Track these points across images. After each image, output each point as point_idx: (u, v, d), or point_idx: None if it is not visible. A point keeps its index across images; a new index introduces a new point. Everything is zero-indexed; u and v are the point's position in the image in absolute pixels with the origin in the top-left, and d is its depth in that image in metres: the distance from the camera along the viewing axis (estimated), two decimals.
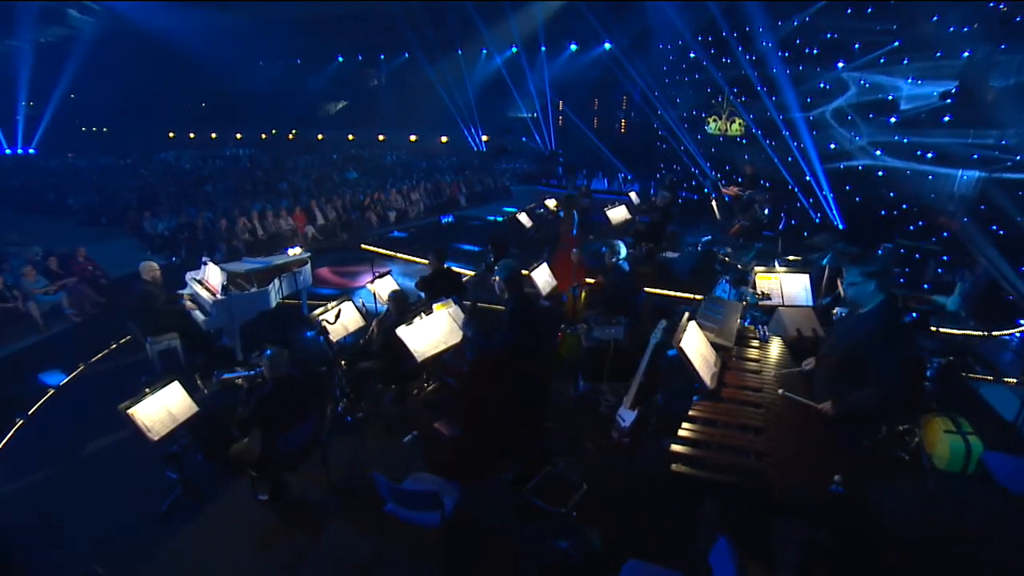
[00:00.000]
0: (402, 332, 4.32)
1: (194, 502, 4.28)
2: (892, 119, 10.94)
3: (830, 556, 2.60)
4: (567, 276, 6.82)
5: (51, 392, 6.00)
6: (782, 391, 3.25)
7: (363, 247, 11.82)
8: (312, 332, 7.13)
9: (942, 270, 8.77)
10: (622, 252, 5.84)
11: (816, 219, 11.95)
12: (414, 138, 26.66)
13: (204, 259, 6.99)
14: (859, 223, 11.22)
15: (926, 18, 9.06)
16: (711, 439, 2.87)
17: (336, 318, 5.03)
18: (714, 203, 10.67)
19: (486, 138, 25.09)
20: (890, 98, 10.95)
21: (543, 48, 21.30)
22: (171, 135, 29.51)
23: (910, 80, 10.46)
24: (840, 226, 11.47)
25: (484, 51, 23.10)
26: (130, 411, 3.93)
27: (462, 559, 3.59)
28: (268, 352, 3.98)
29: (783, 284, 4.57)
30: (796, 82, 12.21)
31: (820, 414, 3.00)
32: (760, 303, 4.42)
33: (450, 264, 6.62)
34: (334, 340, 5.12)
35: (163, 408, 4.13)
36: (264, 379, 4.08)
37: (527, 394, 3.67)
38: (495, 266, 4.16)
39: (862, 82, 11.40)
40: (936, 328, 4.35)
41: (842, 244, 5.05)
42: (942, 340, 4.26)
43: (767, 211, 8.50)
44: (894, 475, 3.83)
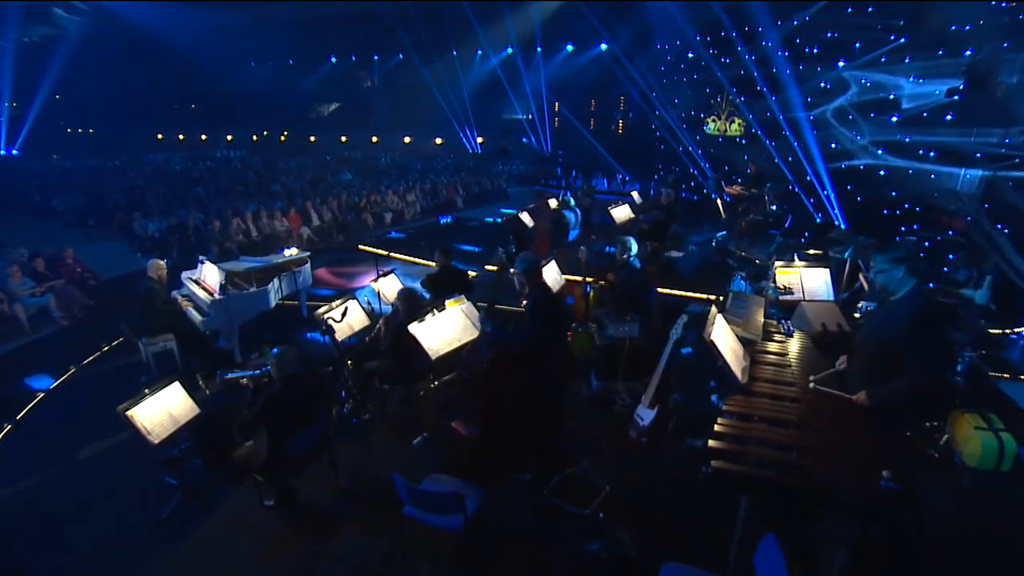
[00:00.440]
0: (415, 329, 4.19)
1: (196, 508, 4.12)
2: (894, 118, 10.99)
3: (877, 555, 2.51)
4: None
5: (40, 396, 5.80)
6: (813, 384, 3.16)
7: (361, 248, 11.66)
8: (312, 333, 7.04)
9: (947, 269, 8.78)
10: (633, 249, 5.76)
11: (818, 219, 11.97)
12: (408, 140, 26.55)
13: (201, 258, 6.82)
14: (861, 223, 11.25)
15: (934, 14, 9.09)
16: (747, 434, 2.77)
17: (343, 316, 4.89)
18: (718, 202, 10.65)
19: (481, 140, 25.03)
20: (892, 97, 11.01)
21: (539, 49, 21.31)
22: (159, 137, 29.15)
23: (912, 78, 10.52)
24: (843, 226, 11.48)
25: (479, 52, 23.07)
26: (129, 413, 3.77)
27: (487, 564, 3.45)
28: (275, 350, 3.84)
29: (803, 278, 4.51)
30: (797, 81, 12.26)
31: (856, 407, 2.93)
32: (780, 298, 4.36)
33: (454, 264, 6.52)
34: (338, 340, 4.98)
35: (163, 410, 3.97)
36: (270, 379, 3.94)
37: (547, 391, 3.56)
38: (515, 257, 4.05)
39: (863, 81, 11.46)
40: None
41: (863, 237, 5.01)
42: (974, 333, 4.22)
43: (775, 207, 8.47)
44: (925, 473, 3.76)
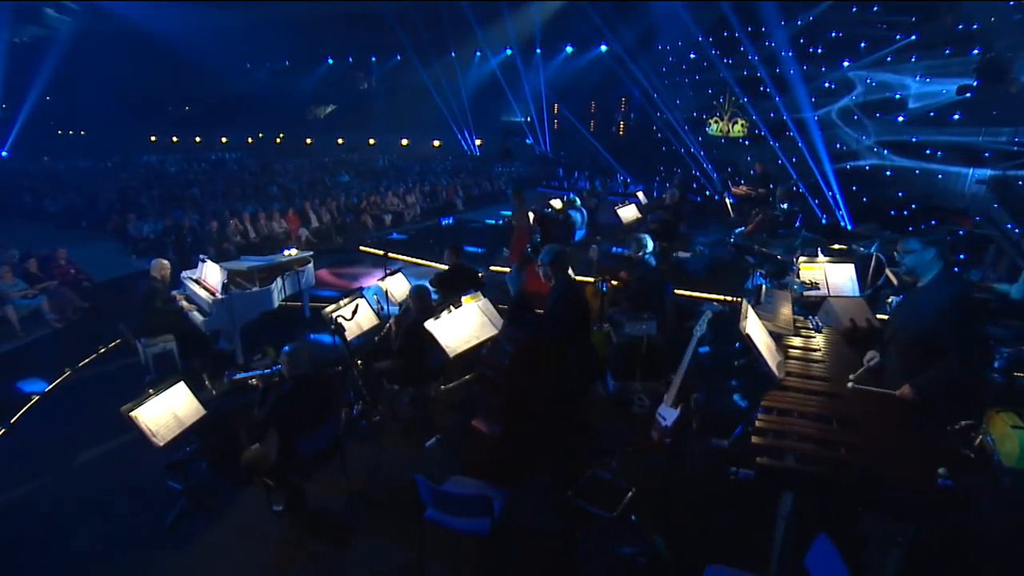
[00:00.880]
0: (432, 326, 4.08)
1: (201, 514, 3.97)
2: (900, 118, 11.02)
3: (929, 556, 2.42)
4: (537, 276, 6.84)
5: (35, 399, 5.63)
6: (851, 383, 3.07)
7: (362, 249, 11.55)
8: (316, 334, 6.91)
9: (958, 269, 8.75)
10: (649, 246, 5.68)
11: (823, 219, 11.97)
12: (406, 142, 26.47)
13: (202, 256, 6.69)
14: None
15: (950, 11, 9.09)
16: (789, 429, 2.67)
17: (353, 314, 4.77)
18: (727, 201, 10.61)
19: (480, 142, 24.98)
20: (898, 96, 11.03)
21: (538, 50, 21.30)
22: (153, 139, 28.91)
23: (918, 78, 10.54)
24: (848, 227, 11.48)
25: (478, 53, 23.04)
26: (133, 414, 3.64)
27: (516, 570, 3.32)
28: (287, 348, 3.72)
29: (827, 274, 4.43)
30: (801, 82, 12.28)
31: (898, 402, 2.84)
32: (805, 294, 4.28)
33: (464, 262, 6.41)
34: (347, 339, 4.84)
35: (168, 411, 3.84)
36: (281, 378, 3.81)
37: (571, 387, 3.46)
38: (540, 248, 3.95)
39: (868, 80, 11.49)
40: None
41: (889, 232, 4.95)
42: (1015, 329, 4.14)
43: (786, 206, 8.42)
44: (963, 473, 3.67)
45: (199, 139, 29.17)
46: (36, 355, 6.99)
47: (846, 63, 11.82)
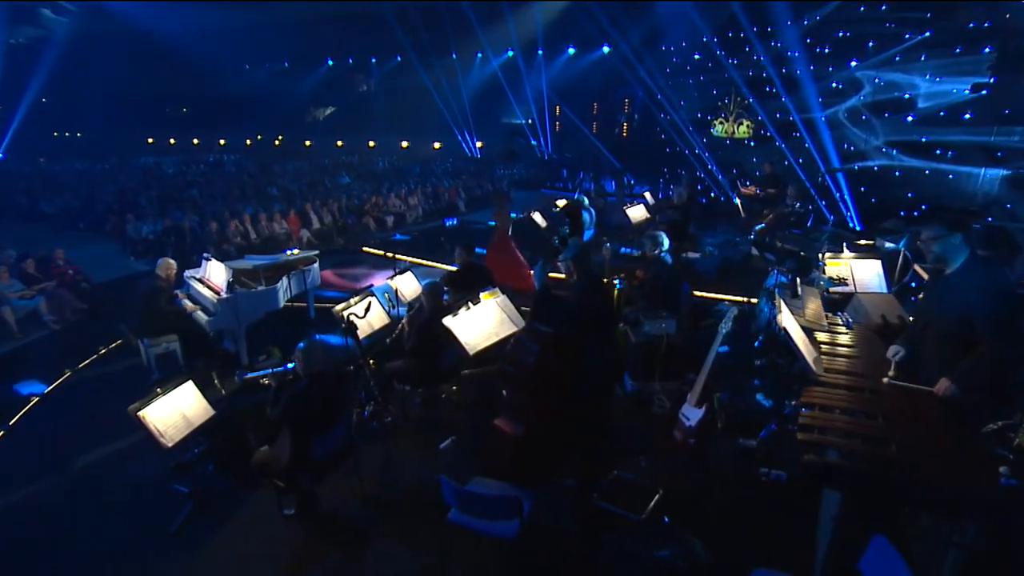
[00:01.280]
0: (450, 323, 3.97)
1: (210, 518, 3.85)
2: (909, 117, 10.98)
3: (986, 558, 2.31)
4: (514, 274, 7.07)
5: (35, 400, 5.50)
6: (888, 379, 2.98)
7: (365, 250, 11.47)
8: (321, 335, 6.79)
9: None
10: (665, 244, 5.59)
11: (831, 219, 11.90)
12: (406, 144, 26.41)
13: (206, 255, 6.58)
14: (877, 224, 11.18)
15: (966, 8, 9.05)
16: (834, 425, 2.57)
17: (366, 312, 4.66)
18: (738, 201, 10.55)
19: (480, 144, 24.93)
20: (907, 96, 10.99)
21: (540, 52, 21.29)
22: (150, 141, 28.77)
23: (928, 77, 10.51)
24: (857, 228, 11.42)
25: (479, 54, 23.02)
26: (141, 413, 3.53)
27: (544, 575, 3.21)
28: (301, 345, 3.61)
29: (854, 270, 4.35)
30: (808, 82, 12.24)
31: (939, 398, 2.75)
32: (831, 290, 4.20)
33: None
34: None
35: (176, 411, 3.73)
36: (295, 376, 3.70)
37: (597, 384, 3.36)
38: (569, 239, 3.85)
39: (876, 80, 11.45)
40: None
41: (916, 227, 4.86)
42: None
43: (798, 205, 8.35)
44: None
45: (197, 141, 29.04)
46: (34, 357, 6.87)
47: (853, 63, 11.79)
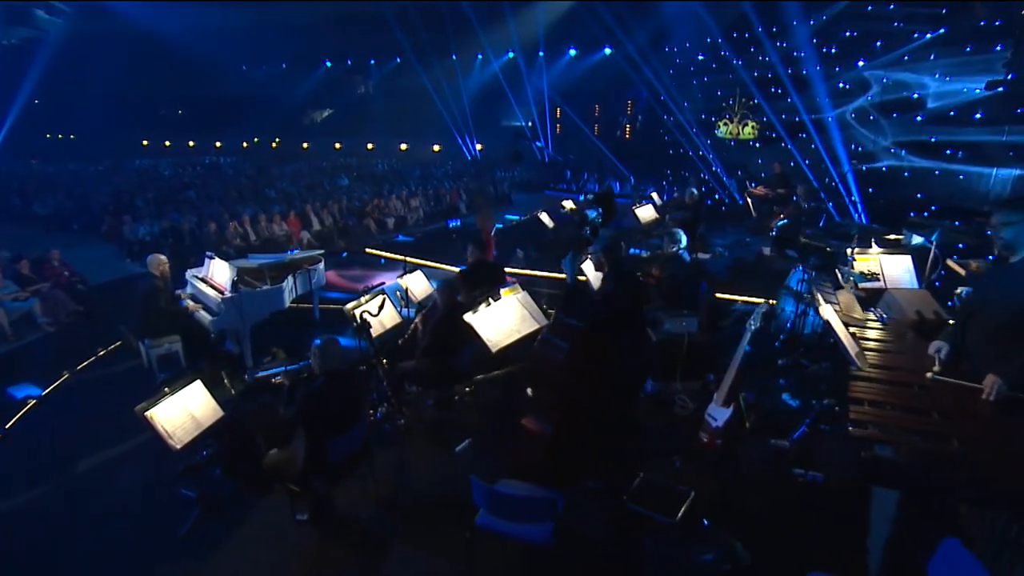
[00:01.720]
0: (472, 319, 3.86)
1: (219, 524, 3.71)
2: (918, 117, 10.97)
3: None
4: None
5: (32, 403, 5.35)
6: (932, 375, 2.88)
7: (368, 251, 11.37)
8: (315, 341, 6.66)
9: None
10: (683, 241, 5.51)
11: (839, 220, 11.87)
12: (404, 147, 26.33)
13: (209, 253, 6.46)
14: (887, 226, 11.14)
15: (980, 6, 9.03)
16: (888, 421, 2.47)
17: (379, 309, 4.54)
18: (749, 201, 10.51)
19: (480, 147, 24.88)
20: (916, 96, 10.99)
21: (541, 53, 21.29)
22: (145, 143, 28.60)
23: (937, 76, 10.50)
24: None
25: (479, 56, 23.01)
26: (149, 414, 3.40)
27: None
28: (317, 341, 3.50)
29: (884, 266, 4.28)
30: (815, 82, 12.24)
31: (987, 394, 2.64)
32: (861, 285, 4.12)
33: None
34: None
35: (185, 411, 3.60)
36: (310, 374, 3.58)
37: (628, 382, 3.25)
38: (600, 229, 3.75)
39: (884, 80, 11.45)
40: None
41: (948, 222, 4.80)
42: None
43: (811, 204, 8.29)
44: None
45: (192, 143, 28.88)
46: (28, 360, 6.71)
47: (861, 63, 11.79)
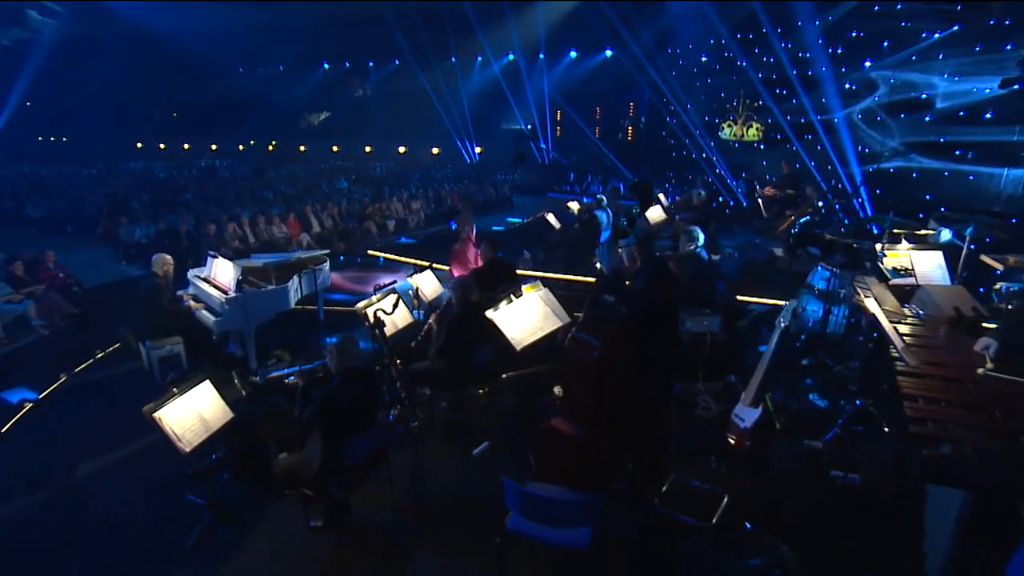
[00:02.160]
0: (494, 316, 3.75)
1: (229, 532, 3.57)
2: (927, 118, 10.96)
3: None
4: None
5: (29, 407, 5.20)
6: (983, 372, 2.79)
7: (371, 253, 11.26)
8: (333, 339, 6.53)
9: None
10: (700, 239, 5.42)
11: (847, 222, 11.83)
12: (403, 149, 26.27)
13: (212, 252, 6.34)
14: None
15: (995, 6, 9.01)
16: (946, 419, 2.37)
17: (394, 308, 4.42)
18: (760, 201, 10.46)
19: (480, 149, 24.84)
20: (924, 96, 10.99)
21: (542, 55, 21.30)
22: (139, 146, 28.44)
23: (946, 75, 10.50)
24: (875, 230, 11.33)
25: (479, 58, 23.00)
26: (157, 415, 3.26)
27: None
28: (334, 339, 3.38)
29: (914, 262, 4.20)
30: (823, 82, 12.24)
31: None
32: (893, 281, 4.03)
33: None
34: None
35: (194, 412, 3.47)
36: (325, 374, 3.46)
37: (661, 382, 3.14)
38: (638, 218, 3.65)
39: (892, 80, 11.46)
40: None
41: (983, 216, 4.73)
42: None
43: (821, 203, 8.21)
44: None
45: (187, 146, 28.73)
46: (22, 363, 6.55)
47: (867, 63, 11.80)
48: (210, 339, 6.03)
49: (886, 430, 3.60)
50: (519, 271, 8.25)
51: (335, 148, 27.22)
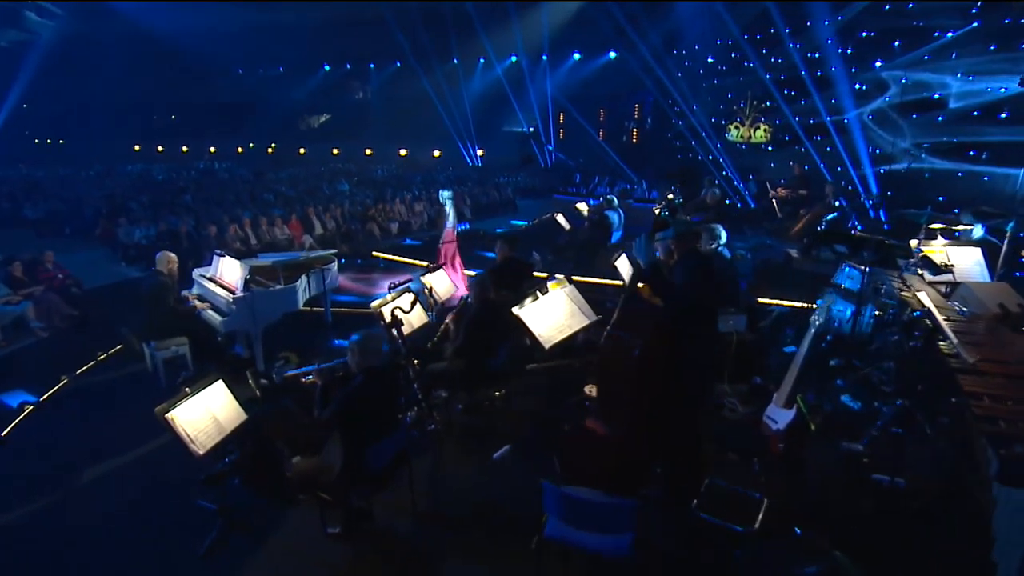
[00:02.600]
0: (521, 313, 3.63)
1: (242, 539, 3.43)
2: (940, 118, 10.91)
3: None
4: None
5: (29, 409, 5.05)
6: None
7: (375, 254, 11.16)
8: (340, 340, 6.40)
9: None
10: (722, 237, 5.30)
11: (859, 228, 11.75)
12: (404, 152, 26.19)
13: (218, 251, 6.22)
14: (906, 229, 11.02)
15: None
16: (1017, 416, 2.25)
17: (412, 306, 4.30)
18: (774, 202, 10.38)
19: (482, 152, 24.78)
20: (936, 96, 10.94)
21: (545, 57, 21.28)
22: (137, 148, 28.33)
23: (959, 75, 10.45)
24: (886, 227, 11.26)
25: (482, 60, 22.97)
26: (169, 416, 3.13)
27: None
28: (355, 337, 3.25)
29: (952, 258, 4.10)
30: (832, 83, 12.20)
31: None
32: (930, 279, 3.93)
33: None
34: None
35: (208, 413, 3.33)
36: (346, 373, 3.33)
37: (701, 383, 3.02)
38: (679, 208, 3.54)
39: (903, 80, 11.41)
40: None
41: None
42: None
43: (839, 202, 8.11)
44: None
45: (186, 148, 28.61)
46: (20, 366, 6.40)
47: (878, 63, 11.76)
48: (216, 340, 5.90)
49: (927, 432, 3.48)
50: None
51: (335, 151, 27.13)
